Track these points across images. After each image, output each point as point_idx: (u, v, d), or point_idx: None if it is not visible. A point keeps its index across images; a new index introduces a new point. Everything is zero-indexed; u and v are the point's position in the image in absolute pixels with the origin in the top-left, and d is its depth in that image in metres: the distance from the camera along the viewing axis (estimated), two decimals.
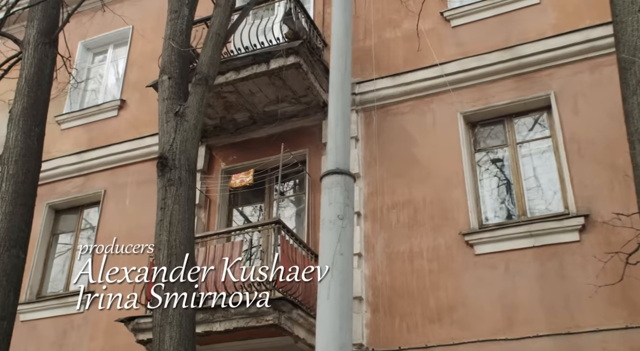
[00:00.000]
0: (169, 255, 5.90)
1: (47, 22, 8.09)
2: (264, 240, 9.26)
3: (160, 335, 5.66)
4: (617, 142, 7.65)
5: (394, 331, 8.53)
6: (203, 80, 6.65)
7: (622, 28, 4.95)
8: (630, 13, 4.92)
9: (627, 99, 4.76)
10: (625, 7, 5.00)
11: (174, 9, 7.15)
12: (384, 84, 10.08)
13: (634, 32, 4.83)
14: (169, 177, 6.18)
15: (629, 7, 4.96)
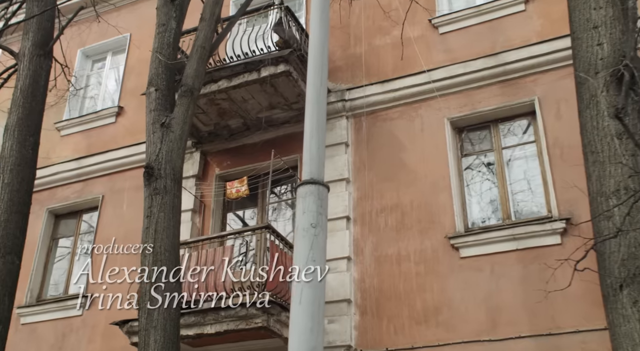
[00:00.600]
0: (154, 261, 6.14)
1: (42, 35, 8.33)
2: (256, 245, 9.47)
3: (145, 339, 5.89)
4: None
5: (382, 333, 8.74)
6: (188, 92, 6.88)
7: (579, 44, 5.15)
8: (586, 30, 5.11)
9: (581, 112, 4.95)
10: (582, 24, 5.19)
11: (162, 22, 7.39)
12: (374, 90, 10.29)
13: (589, 48, 5.02)
14: (155, 186, 6.42)
15: (585, 24, 5.15)
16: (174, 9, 7.47)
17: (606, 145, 4.68)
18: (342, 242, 9.38)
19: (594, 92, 4.79)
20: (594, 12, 5.09)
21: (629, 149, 4.50)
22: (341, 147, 10.13)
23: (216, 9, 7.33)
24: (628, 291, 4.26)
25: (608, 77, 4.69)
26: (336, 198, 9.70)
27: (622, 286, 4.31)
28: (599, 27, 5.00)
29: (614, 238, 4.37)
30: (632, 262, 4.30)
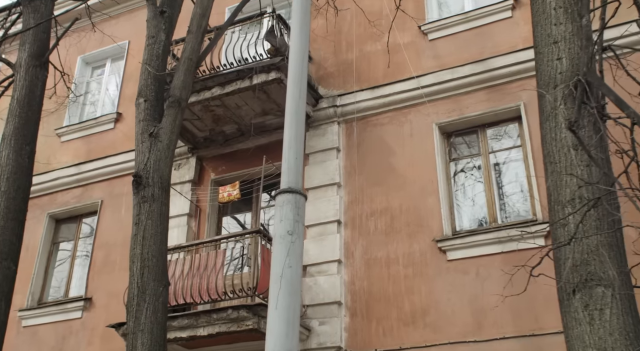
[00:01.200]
0: (142, 267, 6.36)
1: (38, 46, 8.58)
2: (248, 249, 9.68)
3: (133, 341, 6.12)
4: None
5: (371, 335, 8.94)
6: (176, 102, 7.11)
7: (540, 58, 5.34)
8: (547, 45, 5.29)
9: (542, 124, 5.14)
10: (543, 39, 5.38)
11: (151, 35, 7.62)
12: (364, 96, 10.49)
13: (549, 62, 5.20)
14: (143, 194, 6.65)
15: (546, 39, 5.33)
16: (163, 22, 7.70)
17: (563, 156, 4.87)
18: (333, 245, 9.59)
19: (552, 104, 4.98)
20: (555, 27, 5.27)
21: (583, 160, 4.68)
22: (332, 152, 10.34)
23: (203, 22, 7.55)
24: (580, 296, 4.45)
25: (565, 91, 4.87)
26: (327, 203, 9.93)
27: (574, 290, 4.50)
28: (558, 43, 5.19)
29: (567, 245, 4.56)
30: (584, 267, 4.49)
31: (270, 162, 9.93)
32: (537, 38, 5.49)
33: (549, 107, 5.00)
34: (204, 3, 7.68)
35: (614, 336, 4.19)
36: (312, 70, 11.23)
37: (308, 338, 9.15)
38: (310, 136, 10.64)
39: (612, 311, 4.28)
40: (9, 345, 11.31)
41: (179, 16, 8.14)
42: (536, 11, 5.59)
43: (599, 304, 4.33)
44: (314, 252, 9.67)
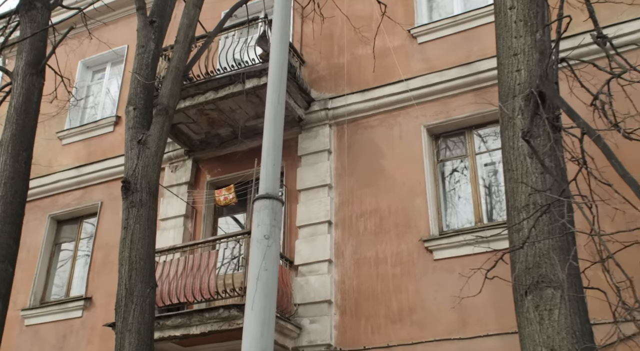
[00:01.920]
0: (130, 269, 6.63)
1: (35, 54, 8.85)
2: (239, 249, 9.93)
3: (120, 341, 6.39)
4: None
5: (360, 332, 9.19)
6: (163, 110, 7.37)
7: (501, 69, 5.55)
8: (507, 56, 5.50)
9: (502, 133, 5.35)
10: (504, 51, 5.58)
11: (141, 44, 7.87)
12: (355, 99, 10.72)
13: (509, 73, 5.41)
14: (132, 199, 6.92)
15: (507, 52, 5.54)
16: (152, 31, 7.95)
17: (519, 163, 5.09)
18: (323, 246, 9.84)
19: (511, 114, 5.19)
20: (515, 40, 5.48)
21: (538, 168, 4.89)
22: (324, 154, 10.58)
23: (190, 32, 7.80)
24: (532, 297, 4.68)
25: (522, 101, 5.09)
26: (318, 204, 10.18)
27: (526, 292, 4.73)
28: (518, 55, 5.40)
29: (520, 248, 4.79)
30: (536, 270, 4.71)
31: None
32: (499, 50, 5.70)
33: (507, 117, 5.23)
34: (190, 14, 7.93)
35: (561, 335, 4.42)
36: (304, 74, 11.47)
37: (299, 336, 9.40)
38: (303, 138, 10.89)
39: (561, 311, 4.50)
40: (12, 343, 11.67)
41: (168, 25, 8.38)
42: (499, 24, 5.80)
43: (549, 305, 4.56)
44: (306, 252, 9.93)
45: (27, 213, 12.45)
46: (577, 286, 4.65)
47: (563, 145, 5.04)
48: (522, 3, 5.52)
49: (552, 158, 4.78)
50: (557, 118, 5.10)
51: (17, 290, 12.05)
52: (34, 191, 12.87)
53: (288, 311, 9.57)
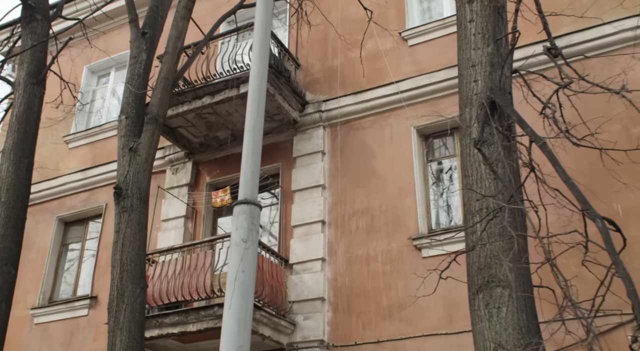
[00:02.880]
0: (121, 271, 7.00)
1: (35, 65, 9.22)
2: None
3: (112, 339, 6.76)
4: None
5: (351, 328, 9.51)
6: (153, 119, 7.71)
7: (461, 80, 5.80)
8: (466, 68, 5.76)
9: (461, 141, 5.61)
10: (464, 62, 5.84)
11: (134, 55, 8.22)
12: (348, 101, 11.02)
13: (467, 84, 5.67)
14: (123, 204, 7.28)
15: (466, 63, 5.80)
16: (144, 42, 8.29)
17: (474, 170, 5.36)
18: (317, 245, 10.15)
19: (468, 123, 5.47)
20: (473, 52, 5.73)
21: (491, 174, 5.17)
22: (318, 155, 10.89)
23: (178, 43, 8.13)
24: (482, 295, 4.96)
25: (478, 111, 5.35)
26: (312, 204, 10.49)
27: (478, 291, 5.01)
28: (476, 66, 5.65)
29: (472, 250, 5.07)
30: (487, 270, 4.98)
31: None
32: (459, 61, 5.97)
33: (464, 125, 5.50)
34: (179, 26, 8.26)
35: (508, 331, 4.70)
36: (300, 77, 11.78)
37: (293, 333, 9.73)
38: (298, 140, 11.20)
39: (508, 309, 4.78)
40: (22, 341, 12.15)
41: (160, 36, 8.71)
42: (459, 36, 6.06)
43: (497, 303, 4.84)
44: (300, 251, 10.25)
45: (36, 215, 13.02)
46: (526, 286, 4.93)
47: (521, 151, 5.31)
48: (481, 16, 5.79)
49: (506, 165, 5.05)
50: (510, 126, 5.38)
51: (27, 290, 12.56)
52: (42, 194, 13.38)
53: (283, 308, 9.90)
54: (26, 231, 12.61)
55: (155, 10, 8.60)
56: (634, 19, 8.93)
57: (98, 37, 14.03)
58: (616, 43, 9.27)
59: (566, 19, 8.71)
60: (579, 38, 9.40)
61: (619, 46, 9.20)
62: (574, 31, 9.45)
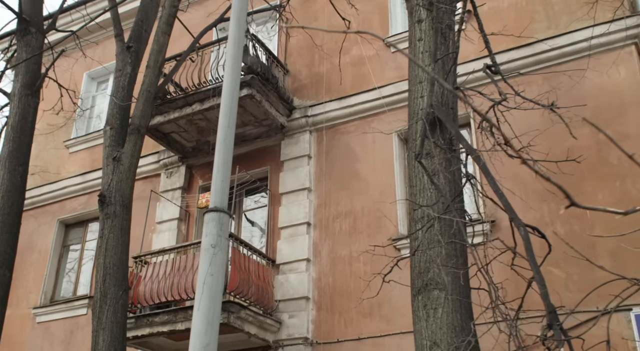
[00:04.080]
0: (104, 275, 7.43)
1: (30, 77, 9.67)
2: None
3: (95, 338, 7.19)
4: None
5: (334, 326, 9.91)
6: (135, 130, 8.14)
7: (410, 95, 6.16)
8: (415, 84, 6.12)
9: (408, 153, 5.99)
10: (412, 79, 6.21)
11: (119, 68, 8.64)
12: (333, 106, 11.40)
13: (415, 99, 6.03)
14: (107, 211, 7.71)
15: (414, 79, 6.16)
16: (129, 56, 8.71)
17: (418, 180, 5.73)
18: (302, 246, 10.56)
19: (413, 136, 5.83)
20: (420, 69, 6.10)
21: (432, 185, 5.53)
22: (304, 159, 11.28)
23: (159, 57, 8.54)
24: (421, 297, 5.34)
25: (423, 125, 5.71)
26: (298, 206, 10.89)
27: (418, 293, 5.39)
28: (422, 82, 6.01)
29: (413, 255, 5.45)
30: (426, 274, 5.36)
31: (244, 171, 10.93)
32: (409, 77, 6.33)
33: (411, 138, 5.88)
34: (160, 40, 8.66)
35: (442, 330, 5.08)
36: (288, 83, 12.18)
37: (279, 330, 10.15)
38: (285, 144, 11.60)
39: (444, 310, 5.15)
40: (25, 339, 12.65)
41: (145, 49, 9.13)
42: (410, 54, 6.43)
43: (434, 304, 5.21)
44: (286, 252, 10.67)
45: (38, 217, 13.52)
46: (462, 288, 5.29)
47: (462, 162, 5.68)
48: (429, 36, 6.14)
49: (441, 177, 5.42)
50: (452, 140, 5.73)
51: (29, 290, 13.08)
52: (43, 197, 13.89)
53: (270, 307, 10.31)
54: (28, 233, 13.26)
55: (140, 24, 9.02)
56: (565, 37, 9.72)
57: (96, 46, 14.50)
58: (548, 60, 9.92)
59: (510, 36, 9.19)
60: (515, 55, 10.13)
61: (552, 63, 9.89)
62: (511, 48, 10.09)
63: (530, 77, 10.22)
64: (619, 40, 9.57)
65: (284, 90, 11.73)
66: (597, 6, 9.50)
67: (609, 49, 9.64)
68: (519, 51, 10.20)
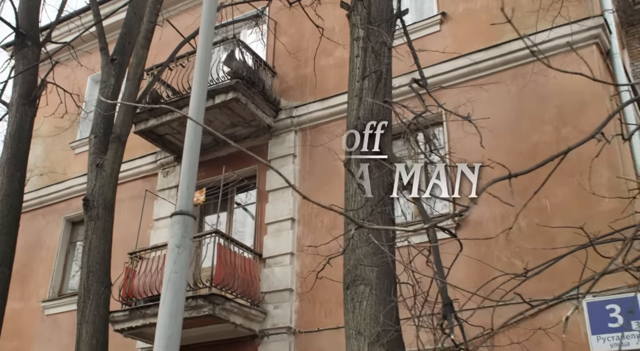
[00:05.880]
0: (88, 272, 8.12)
1: (27, 87, 10.37)
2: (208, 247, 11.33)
3: (79, 330, 7.89)
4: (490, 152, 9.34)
5: (315, 316, 10.53)
6: (117, 138, 8.79)
7: (348, 106, 6.70)
8: (352, 97, 6.66)
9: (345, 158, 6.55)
10: (350, 92, 6.75)
11: (103, 80, 9.30)
12: (316, 107, 11.96)
13: (352, 111, 6.56)
14: (90, 214, 8.38)
15: (352, 92, 6.70)
16: (113, 68, 9.35)
17: (351, 185, 6.31)
18: (287, 240, 11.18)
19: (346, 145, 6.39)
20: (357, 83, 6.62)
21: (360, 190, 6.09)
22: (289, 158, 11.88)
23: (138, 70, 9.16)
24: (350, 292, 5.93)
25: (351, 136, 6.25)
26: (283, 203, 11.50)
27: (347, 287, 5.98)
28: (357, 96, 6.55)
29: (343, 254, 6.03)
30: (354, 271, 5.95)
31: (231, 170, 11.56)
32: (348, 91, 6.88)
33: (346, 148, 6.43)
34: (139, 54, 9.29)
35: (366, 321, 5.65)
36: (275, 84, 12.76)
37: (264, 320, 10.79)
38: (272, 144, 12.21)
39: (368, 302, 5.73)
40: (35, 331, 13.47)
41: (129, 61, 9.75)
42: (350, 69, 6.97)
43: (360, 297, 5.79)
44: (272, 246, 11.30)
45: (46, 216, 14.31)
46: (387, 284, 5.87)
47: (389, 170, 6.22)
48: (365, 52, 6.67)
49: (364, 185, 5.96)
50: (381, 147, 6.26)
51: (39, 284, 13.90)
52: (51, 196, 14.69)
53: (256, 298, 10.96)
54: (37, 231, 14.07)
55: (124, 37, 9.67)
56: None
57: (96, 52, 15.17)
58: (515, 60, 10.44)
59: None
60: (484, 55, 10.68)
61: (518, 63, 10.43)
62: (480, 49, 10.67)
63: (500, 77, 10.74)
64: (582, 40, 9.99)
65: (271, 92, 12.31)
66: (562, 9, 9.93)
67: (571, 49, 10.05)
68: (487, 52, 10.66)
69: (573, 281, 5.27)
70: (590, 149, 5.59)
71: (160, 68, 10.44)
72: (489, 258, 9.23)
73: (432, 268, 5.67)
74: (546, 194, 9.35)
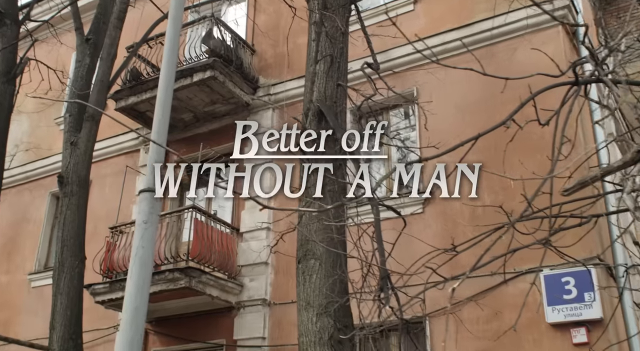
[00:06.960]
0: (62, 246, 8.43)
1: (6, 65, 10.59)
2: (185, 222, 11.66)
3: (54, 302, 8.23)
4: (460, 130, 9.62)
5: (289, 288, 10.82)
6: (91, 117, 9.04)
7: (304, 90, 6.98)
8: (308, 80, 6.92)
9: None
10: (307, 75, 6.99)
11: (78, 59, 9.51)
12: (292, 85, 12.19)
13: (307, 93, 6.81)
14: (65, 190, 8.66)
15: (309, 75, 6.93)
16: (88, 48, 9.56)
17: None
18: (262, 215, 11.47)
19: (306, 125, 6.65)
20: (312, 67, 6.86)
21: None
22: None
23: (112, 50, 9.38)
24: (301, 265, 6.25)
25: (310, 116, 6.52)
26: None
27: (299, 261, 6.30)
28: (311, 80, 6.80)
29: (292, 231, 6.33)
30: (305, 246, 6.26)
31: (208, 147, 11.82)
32: (306, 74, 7.13)
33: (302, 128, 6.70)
34: (112, 34, 9.50)
35: (315, 292, 5.98)
36: (254, 62, 12.97)
37: (241, 292, 11.15)
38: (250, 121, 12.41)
39: (317, 275, 6.05)
40: (22, 302, 13.83)
41: (103, 41, 9.95)
42: (307, 53, 7.20)
43: (310, 271, 6.11)
44: (249, 221, 11.61)
45: (32, 191, 14.61)
46: (335, 258, 6.18)
47: None
48: (322, 37, 6.91)
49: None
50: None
51: (25, 258, 14.24)
52: (37, 171, 14.97)
53: (233, 271, 11.30)
54: (24, 205, 14.37)
55: (99, 17, 9.87)
56: None
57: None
58: (486, 39, 10.69)
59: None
60: (456, 35, 10.84)
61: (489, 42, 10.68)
62: (453, 28, 10.98)
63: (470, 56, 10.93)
64: (548, 20, 10.19)
65: (249, 70, 12.53)
66: None
67: (539, 29, 10.29)
68: (459, 31, 10.85)
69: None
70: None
71: (134, 46, 10.64)
72: (456, 233, 9.55)
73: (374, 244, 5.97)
74: (513, 170, 9.65)
